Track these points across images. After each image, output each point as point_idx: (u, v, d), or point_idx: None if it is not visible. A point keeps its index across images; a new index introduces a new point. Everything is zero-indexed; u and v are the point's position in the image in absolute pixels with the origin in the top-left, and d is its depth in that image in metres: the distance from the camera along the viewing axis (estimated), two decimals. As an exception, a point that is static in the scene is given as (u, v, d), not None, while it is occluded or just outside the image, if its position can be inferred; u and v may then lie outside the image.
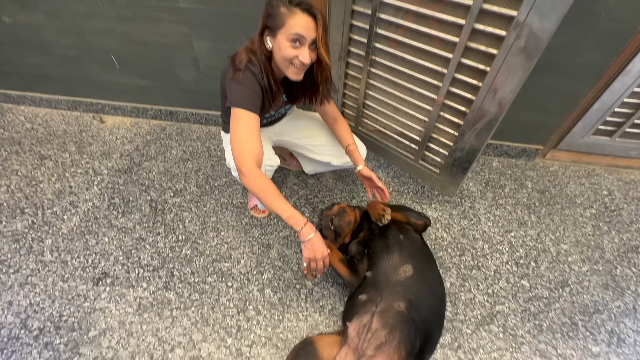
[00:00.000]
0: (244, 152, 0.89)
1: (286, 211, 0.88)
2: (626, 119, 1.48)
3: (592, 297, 1.19)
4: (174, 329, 1.07)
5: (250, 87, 0.93)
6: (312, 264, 0.91)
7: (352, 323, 0.94)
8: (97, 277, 1.20)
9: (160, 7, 1.40)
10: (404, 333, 0.89)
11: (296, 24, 0.83)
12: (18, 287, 1.17)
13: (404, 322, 0.90)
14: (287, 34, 0.84)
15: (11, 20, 1.56)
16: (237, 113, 0.91)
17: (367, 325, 0.92)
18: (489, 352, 1.04)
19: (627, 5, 1.13)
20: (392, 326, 0.89)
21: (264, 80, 0.94)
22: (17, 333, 1.06)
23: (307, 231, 0.89)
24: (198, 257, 1.27)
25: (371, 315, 0.93)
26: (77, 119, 1.90)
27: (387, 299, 0.94)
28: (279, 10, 0.83)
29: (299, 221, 0.88)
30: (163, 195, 1.49)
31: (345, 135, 1.22)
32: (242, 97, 0.92)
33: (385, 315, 0.91)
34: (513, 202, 1.51)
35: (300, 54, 0.87)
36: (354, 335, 0.92)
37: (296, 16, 0.83)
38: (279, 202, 0.88)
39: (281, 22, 0.84)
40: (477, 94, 1.05)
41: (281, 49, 0.87)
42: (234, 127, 0.92)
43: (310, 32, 0.85)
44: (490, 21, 0.92)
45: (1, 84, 1.89)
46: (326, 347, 0.94)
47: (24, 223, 1.37)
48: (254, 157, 0.89)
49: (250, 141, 0.90)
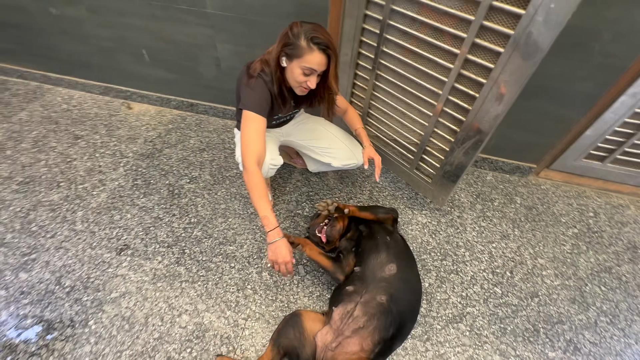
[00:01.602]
0: (249, 150, 1.04)
1: (264, 211, 1.02)
2: (617, 146, 1.54)
3: (557, 309, 1.29)
4: (182, 298, 1.25)
5: (261, 93, 1.07)
6: (275, 266, 1.04)
7: (337, 308, 1.08)
8: (120, 248, 1.38)
9: (190, 10, 1.54)
10: (381, 321, 1.02)
11: (311, 61, 0.97)
12: (54, 250, 1.36)
13: (383, 312, 1.04)
14: (302, 65, 0.99)
15: (58, 12, 1.73)
16: (247, 115, 1.06)
17: (350, 312, 1.05)
18: (454, 347, 1.18)
19: (620, 42, 1.20)
20: (371, 315, 1.03)
21: (274, 88, 1.08)
22: (52, 288, 1.25)
23: (274, 235, 1.02)
24: (207, 239, 1.44)
25: (355, 304, 1.06)
26: (108, 104, 2.08)
27: (371, 292, 1.08)
28: (299, 42, 0.96)
29: (270, 224, 1.02)
30: (180, 181, 1.66)
31: (355, 121, 1.38)
32: (253, 102, 1.06)
33: (368, 305, 1.05)
34: (500, 215, 1.61)
35: (309, 80, 1.01)
36: (337, 318, 1.07)
37: (313, 54, 0.96)
38: (262, 201, 1.02)
39: (299, 53, 0.97)
40: (467, 115, 1.16)
41: (294, 73, 1.01)
42: (243, 127, 1.07)
43: (321, 67, 1.00)
44: (481, 54, 1.02)
45: (43, 66, 2.09)
46: (310, 322, 1.09)
47: (59, 195, 1.56)
48: (256, 156, 1.04)
49: (256, 141, 1.05)
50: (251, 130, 1.06)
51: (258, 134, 1.07)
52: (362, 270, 1.13)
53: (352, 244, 1.25)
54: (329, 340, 1.03)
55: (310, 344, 1.05)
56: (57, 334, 1.14)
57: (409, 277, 1.14)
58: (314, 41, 0.95)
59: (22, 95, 2.10)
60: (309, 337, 1.06)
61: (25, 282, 1.26)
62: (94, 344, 1.12)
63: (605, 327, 1.25)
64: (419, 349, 1.16)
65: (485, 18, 0.95)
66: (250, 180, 1.04)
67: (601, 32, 1.19)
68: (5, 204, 1.51)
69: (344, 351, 1.00)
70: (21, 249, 1.35)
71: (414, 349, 1.16)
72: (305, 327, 1.08)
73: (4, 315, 1.17)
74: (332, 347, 1.02)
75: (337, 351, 1.01)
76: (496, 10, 0.92)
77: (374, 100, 1.50)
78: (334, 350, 1.01)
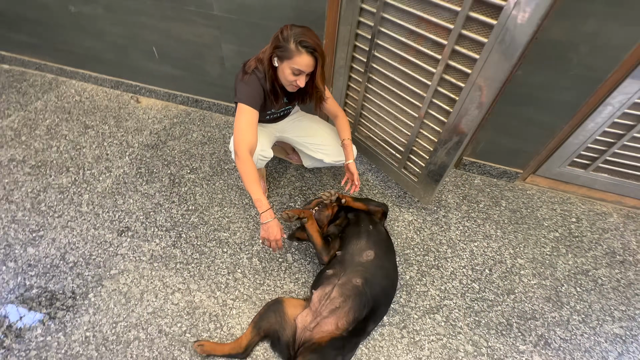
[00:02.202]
0: (241, 139, 1.13)
1: (257, 195, 1.11)
2: (599, 154, 1.61)
3: (532, 306, 1.35)
4: (176, 278, 1.33)
5: (254, 88, 1.16)
6: (267, 242, 1.14)
7: (317, 291, 1.17)
8: (121, 230, 1.48)
9: (198, 12, 1.65)
10: (355, 302, 1.10)
11: (300, 62, 1.07)
12: (60, 229, 1.46)
13: (357, 294, 1.11)
14: (291, 66, 1.08)
15: (76, 10, 1.86)
16: (241, 107, 1.15)
17: (328, 294, 1.14)
18: (429, 335, 1.24)
19: (597, 55, 1.28)
20: (347, 296, 1.11)
21: (267, 85, 1.17)
22: (57, 263, 1.35)
23: (267, 216, 1.12)
24: (203, 225, 1.53)
25: (333, 286, 1.14)
26: (118, 97, 2.20)
27: (348, 275, 1.16)
28: (289, 45, 1.05)
29: (263, 206, 1.12)
30: (181, 171, 1.76)
31: (344, 130, 1.43)
32: (246, 95, 1.16)
33: (344, 287, 1.13)
34: (484, 217, 1.68)
35: (298, 79, 1.11)
36: (316, 300, 1.15)
37: (302, 56, 1.06)
38: (255, 186, 1.12)
39: (289, 55, 1.07)
40: (448, 117, 1.24)
41: (284, 73, 1.11)
42: (237, 118, 1.16)
43: (309, 68, 1.09)
44: (460, 59, 1.11)
45: (60, 59, 2.22)
46: (291, 307, 1.17)
47: (68, 179, 1.67)
48: (248, 145, 1.13)
49: (248, 131, 1.14)
50: (244, 121, 1.16)
51: (250, 125, 1.16)
52: (342, 254, 1.21)
53: (340, 229, 1.33)
54: (308, 322, 1.11)
55: (291, 327, 1.13)
56: (59, 304, 1.23)
57: (385, 265, 1.22)
58: (302, 44, 1.05)
59: (39, 86, 2.23)
60: (290, 321, 1.14)
61: (33, 256, 1.36)
62: (92, 314, 1.21)
63: (577, 325, 1.31)
64: (395, 336, 1.23)
65: (463, 27, 1.03)
66: (243, 167, 1.13)
67: (578, 45, 1.27)
68: (18, 185, 1.61)
69: (320, 330, 1.08)
70: (30, 226, 1.46)
71: (390, 335, 1.23)
72: (286, 311, 1.16)
73: (12, 285, 1.27)
74: (310, 327, 1.09)
75: (315, 331, 1.08)
76: (472, 20, 1.01)
77: (365, 102, 1.59)
78: (312, 330, 1.09)
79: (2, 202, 1.54)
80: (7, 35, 2.16)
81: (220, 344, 1.15)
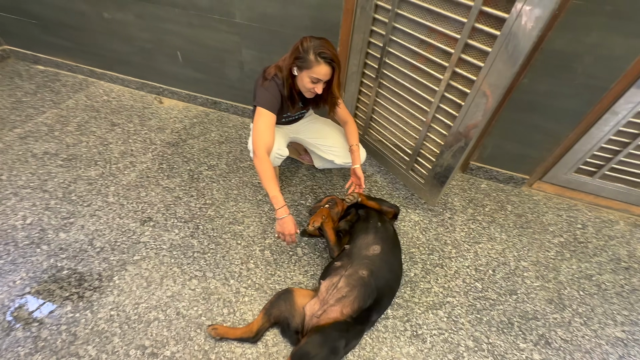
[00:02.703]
0: (259, 140, 1.22)
1: (273, 192, 1.20)
2: (606, 162, 1.64)
3: (534, 307, 1.38)
4: (193, 266, 1.42)
5: (273, 94, 1.26)
6: (281, 237, 1.23)
7: (325, 281, 1.24)
8: (144, 220, 1.58)
9: (221, 20, 1.78)
10: (360, 292, 1.17)
11: (319, 72, 1.17)
12: (88, 217, 1.58)
13: (363, 285, 1.18)
14: (310, 75, 1.18)
15: (109, 16, 2.01)
16: (260, 110, 1.25)
17: (335, 284, 1.20)
18: (431, 330, 1.29)
19: (601, 65, 1.33)
20: (353, 286, 1.18)
21: (285, 91, 1.27)
22: (85, 247, 1.46)
23: (282, 212, 1.21)
24: (219, 218, 1.62)
25: (340, 277, 1.21)
26: (142, 98, 2.34)
27: (355, 267, 1.22)
28: (309, 56, 1.15)
29: (279, 202, 1.20)
30: (199, 168, 1.87)
31: (352, 136, 1.52)
32: (265, 100, 1.25)
33: (350, 278, 1.20)
34: (489, 220, 1.72)
35: (316, 87, 1.21)
36: (323, 290, 1.22)
37: (320, 66, 1.16)
38: (272, 184, 1.21)
39: (308, 65, 1.17)
40: (454, 121, 1.30)
41: (303, 81, 1.21)
42: (256, 121, 1.26)
43: (327, 77, 1.19)
44: (466, 67, 1.18)
45: (91, 62, 2.38)
46: (300, 297, 1.24)
47: (96, 172, 1.80)
48: (266, 145, 1.23)
49: (266, 133, 1.24)
50: (262, 123, 1.25)
51: (268, 127, 1.25)
52: (350, 248, 1.28)
53: (350, 224, 1.40)
54: (316, 309, 1.18)
55: (300, 314, 1.20)
56: (87, 284, 1.34)
57: (391, 260, 1.28)
58: (321, 55, 1.14)
59: (70, 85, 2.39)
60: (299, 309, 1.21)
61: (64, 240, 1.48)
62: (116, 295, 1.31)
63: (579, 327, 1.33)
64: (399, 328, 1.28)
65: (469, 37, 1.11)
66: (260, 165, 1.22)
67: (582, 55, 1.32)
68: (51, 176, 1.75)
69: (327, 317, 1.14)
70: (62, 214, 1.58)
71: (394, 328, 1.28)
72: (296, 301, 1.23)
73: (45, 265, 1.38)
74: (317, 314, 1.16)
75: (322, 317, 1.15)
76: (477, 30, 1.08)
77: (376, 106, 1.67)
78: (319, 317, 1.16)
79: (37, 191, 1.67)
80: (44, 39, 2.33)
81: (233, 328, 1.23)
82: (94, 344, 1.18)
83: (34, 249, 1.43)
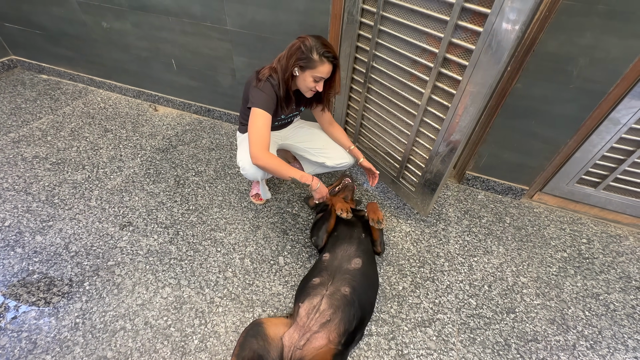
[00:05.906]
0: (259, 140, 1.19)
1: (298, 174, 1.23)
2: (609, 172, 1.54)
3: (534, 327, 1.26)
4: (168, 273, 1.35)
5: (269, 94, 1.23)
6: (321, 199, 1.33)
7: (304, 304, 1.09)
8: (123, 224, 1.54)
9: (213, 27, 1.79)
10: (345, 313, 1.05)
11: (323, 71, 1.18)
12: (68, 220, 1.54)
13: (347, 304, 1.07)
14: (314, 75, 1.18)
15: (108, 25, 2.06)
16: (256, 111, 1.21)
17: (316, 306, 1.07)
18: (418, 349, 1.17)
19: (597, 68, 1.27)
20: (336, 307, 1.06)
21: (281, 91, 1.24)
22: (60, 251, 1.41)
23: (315, 183, 1.29)
24: (200, 224, 1.56)
25: (321, 297, 1.09)
26: (138, 105, 2.36)
27: (336, 284, 1.12)
28: (312, 55, 1.15)
29: (308, 178, 1.25)
30: (186, 174, 1.83)
31: (344, 139, 1.54)
32: (262, 101, 1.22)
33: (333, 298, 1.08)
34: (486, 232, 1.62)
35: (318, 85, 1.21)
36: (303, 314, 1.07)
37: (324, 65, 1.17)
38: (292, 170, 1.23)
39: (312, 65, 1.16)
40: (442, 124, 1.24)
41: (305, 80, 1.20)
42: (252, 122, 1.21)
43: (329, 75, 1.21)
44: (451, 67, 1.13)
45: (91, 70, 2.43)
46: (273, 327, 1.06)
47: (82, 176, 1.78)
48: (266, 145, 1.21)
49: (264, 133, 1.20)
50: (260, 124, 1.21)
51: (266, 127, 1.22)
52: (330, 259, 1.19)
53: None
54: (296, 339, 1.03)
55: (277, 347, 1.02)
56: (55, 289, 1.28)
57: (370, 274, 1.19)
58: (325, 55, 1.15)
59: (70, 93, 2.44)
60: (274, 341, 1.04)
61: (40, 243, 1.43)
62: (84, 302, 1.24)
63: (584, 351, 1.20)
64: (383, 347, 1.18)
65: (452, 35, 1.07)
66: (270, 163, 1.20)
67: (577, 57, 1.27)
68: (38, 179, 1.73)
69: (312, 347, 1.01)
70: (42, 216, 1.55)
71: (377, 346, 1.18)
72: (268, 333, 1.05)
73: (16, 268, 1.34)
74: (300, 345, 1.01)
75: (306, 348, 1.01)
76: (461, 28, 1.04)
77: (365, 112, 1.63)
78: (302, 348, 1.01)
79: (21, 193, 1.65)
80: (49, 49, 2.40)
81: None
82: (53, 354, 1.10)
83: (8, 252, 1.39)
